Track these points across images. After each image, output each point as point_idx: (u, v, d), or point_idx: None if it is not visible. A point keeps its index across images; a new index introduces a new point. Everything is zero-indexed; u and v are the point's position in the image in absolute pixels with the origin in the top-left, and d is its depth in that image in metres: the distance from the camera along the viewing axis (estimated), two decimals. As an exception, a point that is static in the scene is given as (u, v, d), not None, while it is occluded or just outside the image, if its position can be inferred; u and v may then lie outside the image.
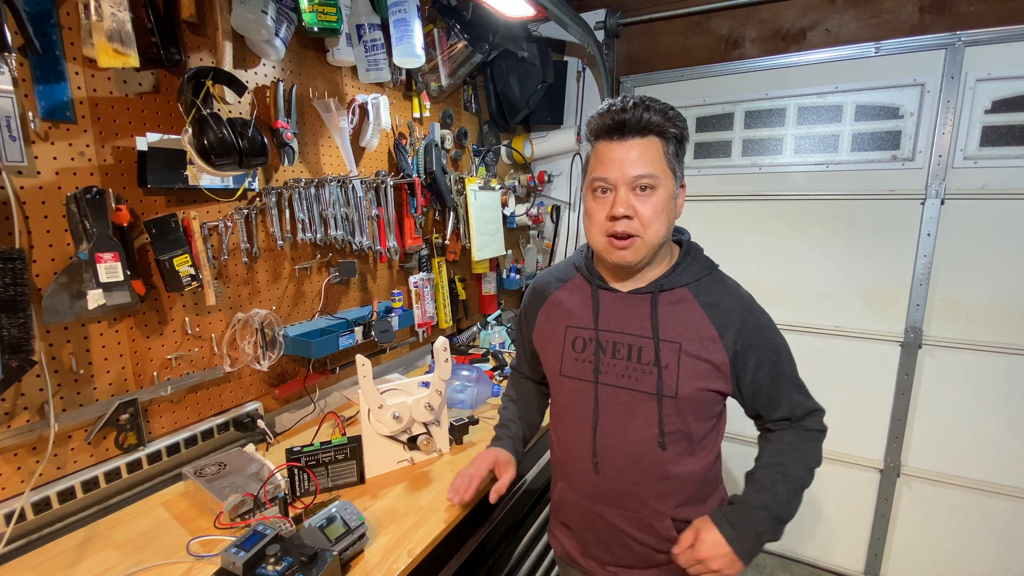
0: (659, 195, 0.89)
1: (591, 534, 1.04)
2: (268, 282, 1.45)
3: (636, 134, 0.88)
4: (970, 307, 1.95)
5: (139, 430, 1.17)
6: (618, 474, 0.97)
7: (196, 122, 1.08)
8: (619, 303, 0.98)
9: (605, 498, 1.00)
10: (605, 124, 0.90)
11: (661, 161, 0.89)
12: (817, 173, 2.13)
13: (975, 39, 1.82)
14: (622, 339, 0.96)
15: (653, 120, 0.87)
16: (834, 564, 2.31)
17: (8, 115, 0.92)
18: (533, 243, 2.63)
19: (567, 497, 1.07)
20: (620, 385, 0.96)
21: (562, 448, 1.07)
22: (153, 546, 1.00)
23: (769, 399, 0.96)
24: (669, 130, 0.89)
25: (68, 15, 1.00)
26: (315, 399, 1.59)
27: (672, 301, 0.95)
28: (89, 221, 1.00)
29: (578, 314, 1.02)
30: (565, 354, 1.03)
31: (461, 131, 2.11)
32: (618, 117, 0.88)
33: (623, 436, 0.96)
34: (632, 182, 0.88)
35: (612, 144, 0.90)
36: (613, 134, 0.90)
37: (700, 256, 1.00)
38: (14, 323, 0.91)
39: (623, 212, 0.88)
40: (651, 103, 0.88)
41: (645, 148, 0.88)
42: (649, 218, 0.88)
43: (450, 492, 1.09)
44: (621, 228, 0.89)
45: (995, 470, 1.98)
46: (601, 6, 2.39)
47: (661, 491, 0.96)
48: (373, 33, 1.53)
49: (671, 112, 0.89)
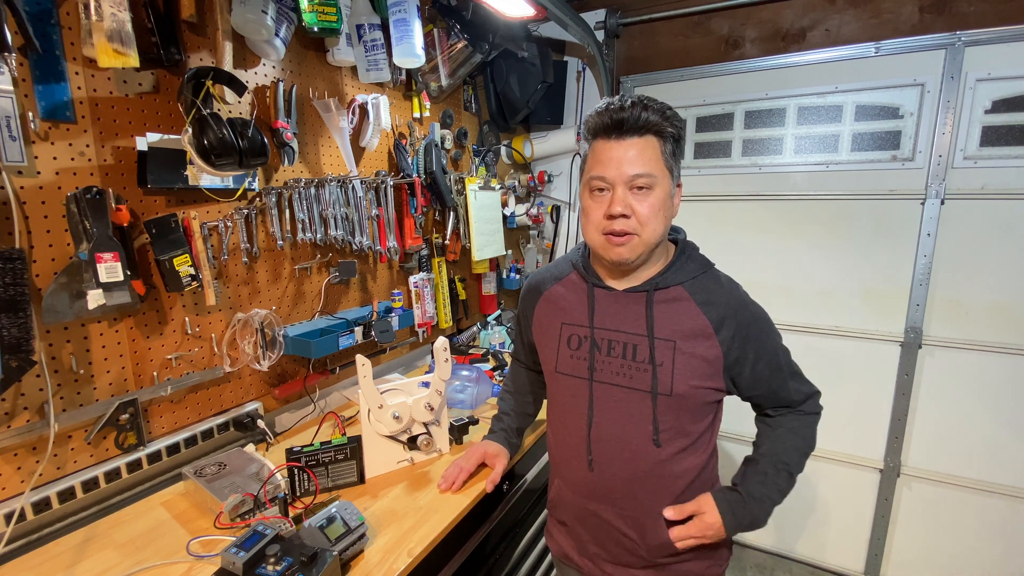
0: (656, 194, 0.89)
1: (586, 532, 1.05)
2: (268, 282, 1.45)
3: (634, 133, 0.89)
4: (970, 307, 1.95)
5: (139, 430, 1.17)
6: (612, 472, 0.98)
7: (196, 122, 1.08)
8: (614, 301, 0.99)
9: (599, 495, 1.00)
10: (603, 122, 0.90)
11: (659, 160, 0.89)
12: (817, 173, 2.13)
13: (975, 39, 1.82)
14: (617, 337, 0.97)
15: (651, 119, 0.88)
16: (834, 564, 2.31)
17: (8, 115, 0.93)
18: (533, 243, 2.63)
19: (563, 495, 1.08)
20: (615, 383, 0.97)
21: (557, 445, 1.08)
22: (153, 546, 1.00)
23: (770, 391, 0.98)
24: (667, 129, 0.89)
25: (68, 15, 1.00)
26: (315, 399, 1.59)
27: (667, 299, 0.95)
28: (89, 221, 1.00)
29: (573, 312, 1.03)
30: (560, 351, 1.03)
31: (461, 131, 2.11)
32: (616, 116, 0.89)
33: (618, 433, 0.97)
34: (630, 181, 0.89)
35: (610, 143, 0.90)
36: (611, 133, 0.90)
37: (695, 255, 1.01)
38: (14, 323, 0.91)
39: (620, 211, 0.88)
40: (649, 102, 0.89)
41: (643, 147, 0.89)
42: (646, 217, 0.89)
43: (441, 481, 1.15)
44: (619, 227, 0.89)
45: (995, 470, 1.98)
46: (601, 6, 2.39)
47: (655, 488, 0.97)
48: (373, 33, 1.53)
49: (668, 112, 0.90)
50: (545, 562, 1.62)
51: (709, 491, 0.99)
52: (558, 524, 1.13)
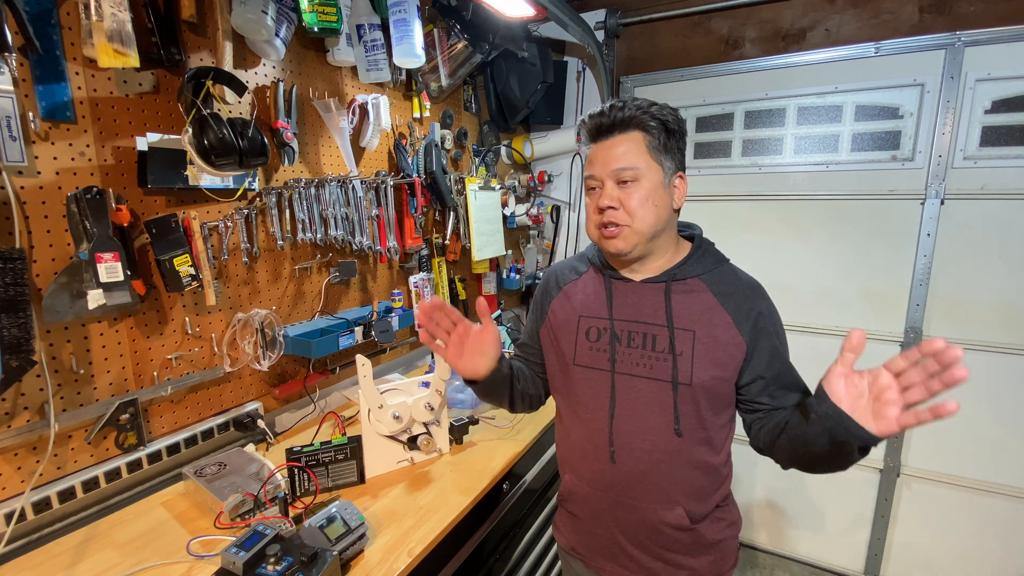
0: (643, 185, 0.93)
1: (601, 526, 1.04)
2: (268, 282, 1.45)
3: (617, 131, 0.94)
4: (970, 307, 1.95)
5: (139, 430, 1.17)
6: (635, 462, 0.97)
7: (196, 122, 1.08)
8: (632, 292, 1.00)
9: (619, 487, 1.00)
10: (591, 127, 0.97)
11: (642, 153, 0.93)
12: (817, 173, 2.13)
13: (975, 39, 1.82)
14: (636, 328, 0.98)
15: (629, 115, 0.93)
16: (834, 564, 2.31)
17: (8, 115, 0.93)
18: (533, 243, 2.63)
19: (576, 489, 1.07)
20: (636, 374, 0.97)
21: (572, 439, 1.07)
22: (153, 546, 1.00)
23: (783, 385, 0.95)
24: (648, 122, 0.93)
25: (68, 15, 1.00)
26: (315, 399, 1.59)
27: (685, 290, 0.97)
28: (89, 221, 1.00)
29: (591, 304, 1.04)
30: (579, 344, 1.03)
31: (461, 131, 2.11)
32: (597, 120, 0.96)
33: (641, 424, 0.97)
34: (615, 175, 0.93)
35: (598, 144, 0.97)
36: (598, 136, 0.97)
37: (711, 249, 1.03)
38: (14, 323, 0.91)
39: (607, 203, 0.93)
40: (628, 102, 0.94)
41: (627, 143, 0.94)
42: (634, 208, 0.92)
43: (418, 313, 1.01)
44: (608, 218, 0.94)
45: (995, 470, 1.98)
46: (601, 6, 2.39)
47: (675, 479, 0.97)
48: (373, 33, 1.53)
49: (652, 107, 0.93)
50: (545, 561, 1.62)
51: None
52: (569, 516, 1.12)
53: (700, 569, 1.01)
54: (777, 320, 0.98)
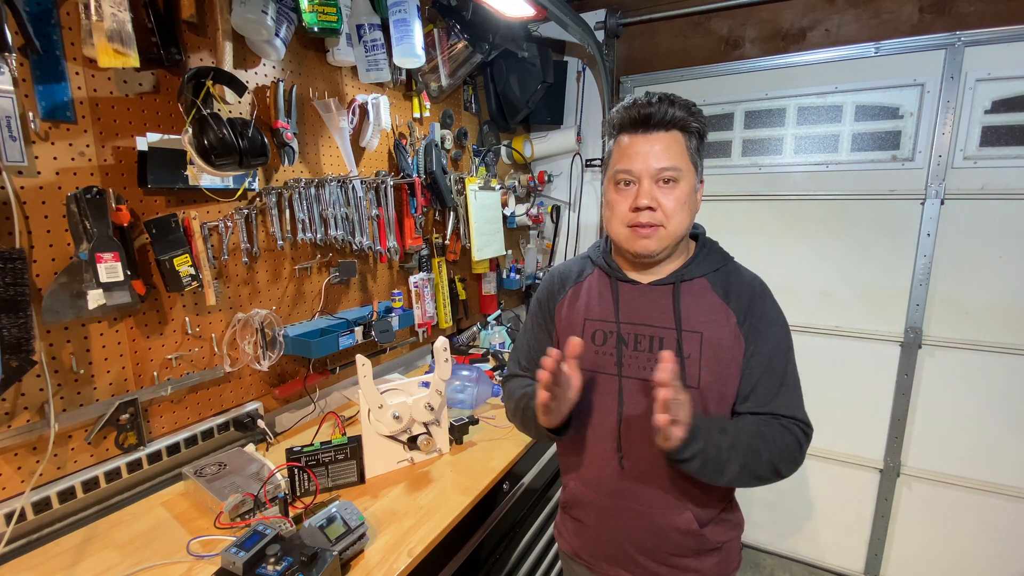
0: (682, 188, 0.91)
1: (606, 532, 1.03)
2: (268, 282, 1.45)
3: (660, 128, 0.91)
4: (970, 307, 1.95)
5: (139, 430, 1.17)
6: (644, 467, 0.97)
7: (196, 122, 1.08)
8: (639, 295, 0.99)
9: (628, 493, 0.99)
10: (630, 117, 0.92)
11: (684, 155, 0.91)
12: (817, 173, 2.13)
13: (975, 39, 1.82)
14: (644, 331, 0.97)
15: (677, 115, 0.89)
16: (834, 564, 2.31)
17: (8, 115, 0.93)
18: (533, 243, 2.63)
19: (581, 495, 1.06)
20: (644, 377, 0.96)
21: (577, 444, 1.05)
22: (153, 546, 1.00)
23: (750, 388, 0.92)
24: (692, 124, 0.91)
25: (68, 15, 1.00)
26: (315, 399, 1.59)
27: (692, 292, 0.96)
28: (89, 221, 1.00)
29: (596, 307, 1.02)
30: (584, 347, 1.02)
31: (461, 131, 2.11)
32: (644, 111, 0.90)
33: (648, 427, 0.94)
34: (656, 174, 0.90)
35: (637, 137, 0.92)
36: (638, 128, 0.91)
37: (716, 248, 1.02)
38: (14, 323, 0.91)
39: (647, 203, 0.90)
40: (676, 98, 0.91)
41: (669, 142, 0.90)
42: (672, 209, 0.90)
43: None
44: (645, 219, 0.91)
45: (995, 470, 1.98)
46: (601, 6, 2.39)
47: (684, 483, 0.95)
48: (373, 33, 1.53)
49: (694, 108, 0.92)
50: (545, 562, 1.62)
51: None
52: (572, 521, 1.11)
53: (705, 572, 1.00)
54: (773, 324, 0.95)
